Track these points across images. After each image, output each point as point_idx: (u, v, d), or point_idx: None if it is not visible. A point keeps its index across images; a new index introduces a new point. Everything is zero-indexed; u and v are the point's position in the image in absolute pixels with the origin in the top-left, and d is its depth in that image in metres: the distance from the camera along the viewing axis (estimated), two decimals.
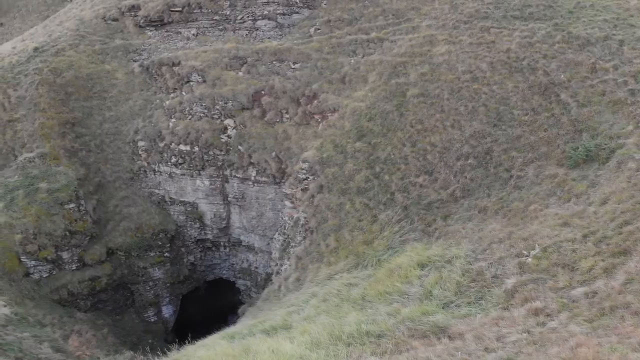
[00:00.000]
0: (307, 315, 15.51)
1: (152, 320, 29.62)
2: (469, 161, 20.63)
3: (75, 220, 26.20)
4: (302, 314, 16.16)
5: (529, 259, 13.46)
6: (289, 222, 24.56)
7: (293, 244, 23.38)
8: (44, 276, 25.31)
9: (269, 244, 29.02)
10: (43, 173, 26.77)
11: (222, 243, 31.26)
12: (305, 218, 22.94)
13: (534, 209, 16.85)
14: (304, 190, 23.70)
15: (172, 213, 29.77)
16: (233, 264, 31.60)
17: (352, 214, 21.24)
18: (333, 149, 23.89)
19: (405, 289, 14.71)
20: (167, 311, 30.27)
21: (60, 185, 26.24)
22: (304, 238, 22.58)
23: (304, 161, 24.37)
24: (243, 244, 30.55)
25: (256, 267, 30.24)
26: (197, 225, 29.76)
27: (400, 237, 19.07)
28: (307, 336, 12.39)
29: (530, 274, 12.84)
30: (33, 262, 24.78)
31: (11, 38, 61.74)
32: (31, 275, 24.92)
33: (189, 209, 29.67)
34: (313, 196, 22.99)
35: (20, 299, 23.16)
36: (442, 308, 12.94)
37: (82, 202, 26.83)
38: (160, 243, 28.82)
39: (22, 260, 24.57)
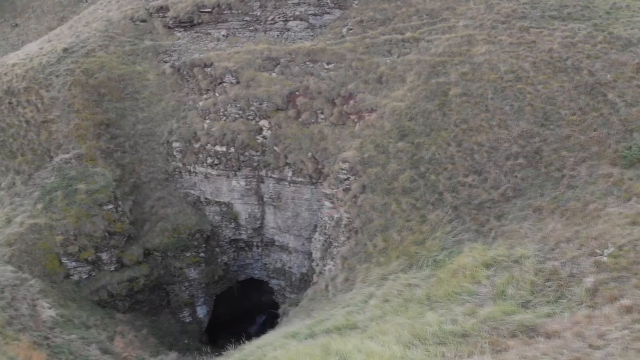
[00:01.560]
0: (372, 315, 15.48)
1: (187, 320, 29.61)
2: (518, 161, 20.61)
3: (114, 221, 26.20)
4: (366, 314, 16.13)
5: (604, 258, 13.43)
6: (329, 222, 24.53)
7: (336, 244, 23.36)
8: (84, 277, 25.30)
9: (304, 244, 29.03)
10: (80, 174, 26.78)
11: (254, 243, 31.25)
12: (348, 218, 22.91)
13: (594, 209, 16.82)
14: (346, 190, 23.67)
15: (207, 213, 29.77)
16: (266, 264, 31.57)
17: (399, 214, 21.21)
18: (374, 149, 23.87)
19: (475, 288, 14.67)
20: (202, 311, 30.26)
21: (99, 186, 26.24)
22: (348, 238, 22.56)
23: (343, 161, 24.35)
24: (276, 244, 30.53)
25: (290, 267, 30.22)
26: (232, 225, 29.76)
27: (453, 237, 19.04)
28: (389, 336, 12.35)
29: (609, 272, 12.81)
30: (73, 264, 24.78)
31: (27, 39, 62.07)
32: (71, 277, 24.92)
33: (224, 209, 29.67)
34: (356, 196, 22.96)
35: (63, 300, 23.15)
36: (521, 307, 12.90)
37: (120, 203, 26.83)
38: (196, 243, 28.82)
39: (63, 261, 24.58)
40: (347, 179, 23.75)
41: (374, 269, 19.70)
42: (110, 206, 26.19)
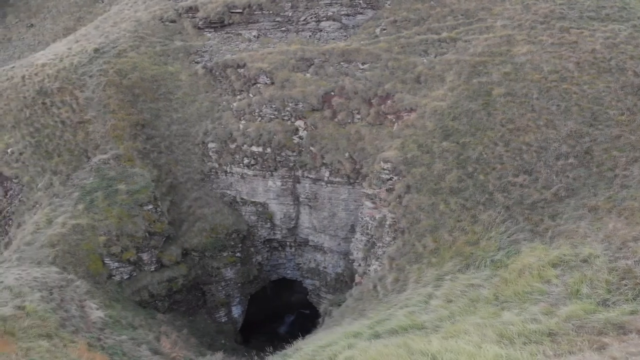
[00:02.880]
0: (440, 315, 15.47)
1: (223, 320, 29.64)
2: (569, 160, 20.61)
3: (154, 222, 26.22)
4: (430, 314, 16.12)
5: None
6: (371, 222, 24.53)
7: (380, 245, 23.36)
8: (125, 278, 25.30)
9: (340, 244, 29.06)
10: (120, 174, 26.80)
11: (288, 243, 31.28)
12: (393, 218, 22.92)
13: None
14: (389, 190, 23.67)
15: (243, 213, 29.80)
16: (299, 264, 31.59)
17: (448, 214, 21.20)
18: (417, 148, 23.87)
19: (546, 288, 14.66)
20: (237, 311, 30.28)
21: (139, 186, 26.26)
22: (394, 238, 22.57)
23: (385, 161, 24.34)
24: (310, 243, 30.55)
25: (325, 267, 30.23)
26: (268, 225, 29.79)
27: (508, 237, 19.03)
28: (472, 336, 12.36)
29: None
30: (116, 264, 24.79)
31: (43, 39, 62.16)
32: (113, 278, 24.93)
33: (259, 209, 29.69)
34: (400, 196, 22.96)
35: (108, 301, 23.13)
36: (599, 306, 12.90)
37: (159, 203, 26.85)
38: (232, 243, 28.84)
39: (106, 262, 24.59)
40: (390, 179, 23.75)
41: (427, 270, 19.69)
42: (150, 206, 26.22)
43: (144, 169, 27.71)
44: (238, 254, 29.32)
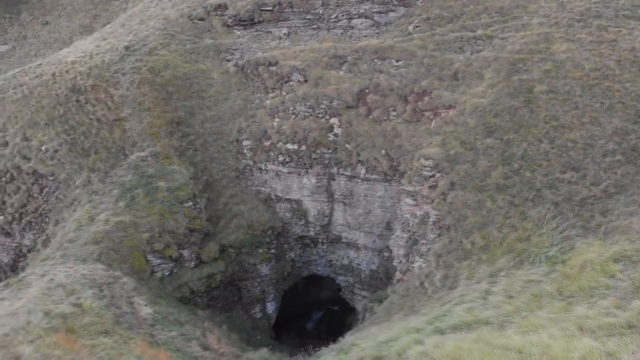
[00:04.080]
0: (505, 311, 15.59)
1: (258, 316, 29.80)
2: (616, 157, 20.71)
3: (193, 218, 26.33)
4: (491, 310, 16.23)
5: None
6: (412, 219, 24.64)
7: (424, 242, 23.48)
8: (166, 274, 25.42)
9: (375, 241, 29.18)
10: (159, 172, 26.89)
11: (320, 240, 31.41)
12: (437, 215, 23.03)
13: None
14: (432, 187, 23.78)
15: (278, 210, 29.90)
16: (331, 261, 31.72)
17: (496, 211, 21.32)
18: (460, 145, 23.97)
19: (611, 282, 14.80)
20: (271, 307, 30.45)
21: (179, 183, 26.36)
22: (439, 235, 22.68)
23: (426, 158, 24.45)
24: (343, 240, 30.68)
25: (358, 264, 30.36)
26: (302, 222, 29.91)
27: (559, 233, 19.14)
28: (551, 330, 12.48)
29: None
30: (158, 261, 24.90)
31: (59, 36, 62.22)
32: (155, 274, 25.03)
33: (294, 206, 29.82)
34: (444, 193, 23.07)
35: (153, 297, 23.25)
36: None
37: (198, 200, 26.95)
38: (268, 240, 28.99)
39: (149, 258, 24.68)
40: (432, 175, 23.85)
41: (479, 266, 19.82)
42: (190, 203, 26.33)
43: (181, 166, 27.81)
44: (273, 251, 29.46)
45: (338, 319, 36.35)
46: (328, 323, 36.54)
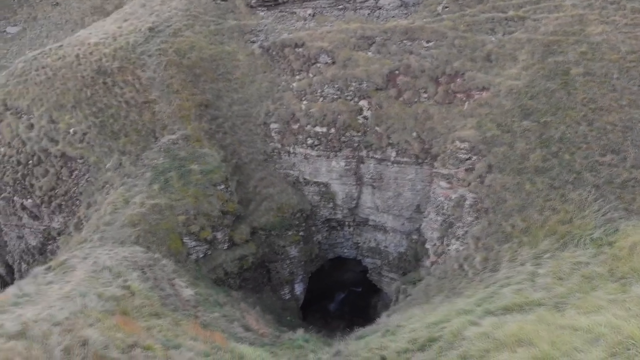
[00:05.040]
0: (558, 292, 15.72)
1: (287, 298, 30.11)
2: None
3: (226, 201, 26.43)
4: (541, 292, 16.38)
5: None
6: (446, 202, 24.71)
7: (460, 225, 23.57)
8: (200, 256, 25.60)
9: (404, 224, 29.30)
10: (190, 155, 26.89)
11: (347, 222, 31.53)
12: (474, 198, 23.09)
13: None
14: (468, 170, 23.80)
15: (306, 193, 29.97)
16: (357, 243, 31.90)
17: (536, 193, 21.36)
18: (496, 127, 23.90)
19: None
20: (299, 288, 30.74)
21: (212, 166, 26.39)
22: (477, 218, 22.77)
23: (461, 140, 24.41)
24: (370, 223, 30.81)
25: (386, 247, 30.55)
26: (330, 205, 30.00)
27: (602, 216, 19.21)
28: (616, 311, 12.61)
29: None
30: (193, 243, 25.06)
31: (71, 17, 61.43)
32: (190, 256, 25.20)
33: (322, 189, 29.88)
34: (482, 176, 23.09)
35: (192, 279, 23.46)
36: None
37: (230, 183, 26.99)
38: (297, 222, 29.13)
39: (185, 241, 24.82)
40: (469, 158, 23.84)
41: (521, 249, 19.94)
42: (222, 186, 26.40)
43: (212, 149, 27.78)
44: (301, 233, 29.63)
45: (361, 301, 36.76)
46: (351, 304, 36.95)
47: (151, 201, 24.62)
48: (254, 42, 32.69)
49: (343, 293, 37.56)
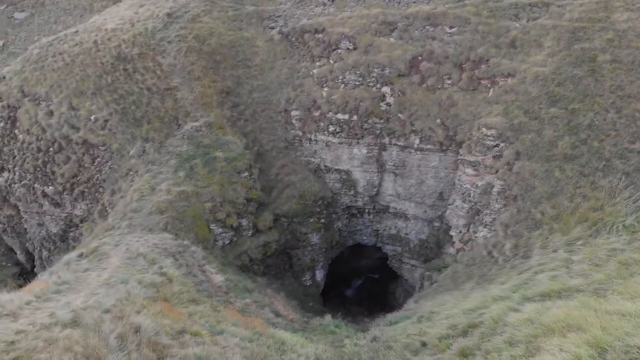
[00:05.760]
0: (596, 279, 15.86)
1: (308, 284, 30.33)
2: None
3: (250, 188, 26.48)
4: (578, 279, 16.51)
5: None
6: (472, 189, 24.79)
7: (487, 212, 23.69)
8: (226, 243, 25.73)
9: (426, 211, 29.42)
10: (214, 142, 26.88)
11: (367, 210, 31.65)
12: (502, 185, 23.17)
13: None
14: (496, 157, 23.84)
15: (327, 181, 30.02)
16: (377, 230, 32.06)
17: (565, 181, 21.44)
18: (524, 114, 23.90)
19: None
20: (319, 275, 30.97)
21: (236, 154, 26.40)
22: (505, 206, 22.88)
23: (488, 127, 24.41)
24: (390, 210, 30.93)
25: (407, 234, 30.70)
26: (351, 192, 30.06)
27: (633, 202, 19.30)
28: None
29: None
30: (220, 230, 25.17)
31: (79, 3, 60.69)
32: (216, 243, 25.33)
33: (343, 176, 29.92)
34: (509, 163, 23.15)
35: (220, 266, 23.60)
36: None
37: (253, 170, 27.03)
38: (318, 210, 29.22)
39: (211, 228, 24.92)
40: (496, 145, 23.87)
41: (552, 236, 20.05)
42: (246, 174, 26.44)
43: (234, 136, 27.76)
44: (322, 220, 29.75)
45: (379, 287, 37.05)
46: (368, 291, 37.24)
47: (177, 188, 24.67)
48: (272, 28, 32.46)
49: (360, 279, 37.83)
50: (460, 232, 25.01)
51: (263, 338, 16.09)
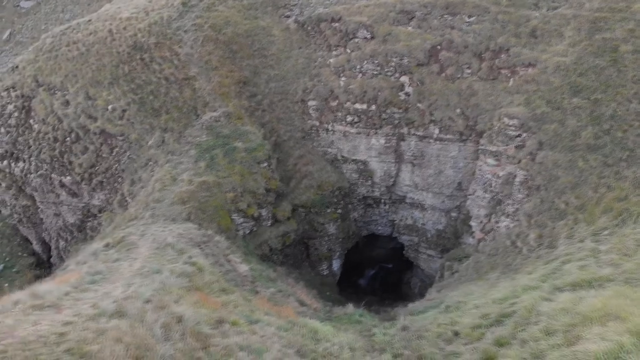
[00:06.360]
0: (627, 269, 15.99)
1: (325, 273, 30.50)
2: None
3: (269, 179, 26.51)
4: (609, 268, 16.63)
5: None
6: (494, 179, 24.85)
7: (509, 202, 23.78)
8: (247, 233, 25.82)
9: (444, 201, 29.51)
10: (233, 132, 26.85)
11: (382, 200, 31.72)
12: (525, 175, 23.23)
13: None
14: (518, 147, 23.87)
15: (344, 171, 30.05)
16: (393, 220, 32.17)
17: (589, 171, 21.50)
18: (546, 104, 23.89)
19: None
20: (336, 265, 31.14)
21: (255, 144, 26.41)
22: (527, 196, 22.96)
23: (510, 117, 24.41)
24: (407, 201, 31.01)
25: (423, 224, 30.80)
26: (369, 183, 30.12)
27: None
28: None
29: None
30: (241, 220, 25.26)
31: None
32: (237, 233, 25.42)
33: (360, 167, 29.95)
34: (532, 153, 23.19)
35: (244, 256, 23.71)
36: None
37: (272, 160, 27.04)
38: (335, 200, 29.31)
39: (233, 218, 24.99)
40: (518, 135, 23.89)
41: (577, 226, 20.15)
42: (265, 164, 26.47)
43: (252, 127, 27.73)
44: (339, 211, 29.84)
45: (392, 277, 37.27)
46: (381, 280, 37.46)
47: (199, 179, 24.70)
48: (288, 16, 32.27)
49: (373, 269, 38.03)
50: (481, 222, 25.12)
51: (297, 327, 16.21)
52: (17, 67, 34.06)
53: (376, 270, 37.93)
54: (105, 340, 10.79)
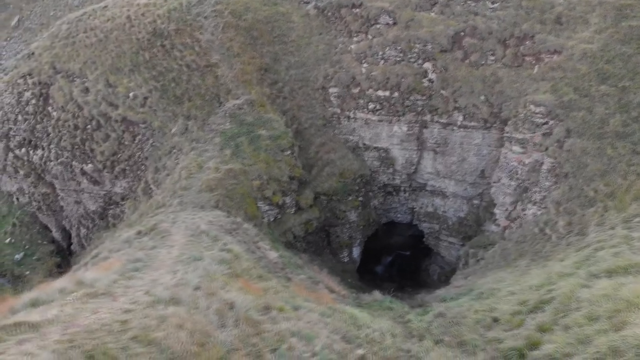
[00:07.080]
0: None
1: (345, 260, 30.68)
2: None
3: (293, 167, 26.54)
4: None
5: None
6: (520, 167, 24.91)
7: (537, 189, 23.85)
8: (271, 220, 25.92)
9: (466, 189, 29.57)
10: (257, 120, 26.83)
11: (402, 188, 31.79)
12: (552, 163, 23.28)
13: None
14: (545, 134, 23.89)
15: (365, 159, 30.06)
16: (413, 208, 32.27)
17: (618, 158, 21.55)
18: (574, 92, 23.86)
19: None
20: (356, 252, 31.32)
21: (279, 132, 26.41)
22: (555, 183, 23.04)
23: (537, 105, 24.39)
24: (427, 188, 31.07)
25: (444, 211, 30.92)
26: (390, 170, 30.15)
27: None
28: None
29: None
30: (266, 207, 25.35)
31: None
32: (262, 220, 25.51)
33: (382, 154, 29.96)
34: (560, 141, 23.22)
35: (271, 243, 23.83)
36: None
37: (295, 148, 27.05)
38: (357, 188, 29.39)
39: (259, 205, 25.08)
40: (545, 122, 23.89)
41: (607, 213, 20.26)
42: (289, 152, 26.48)
43: (274, 114, 27.69)
44: (360, 198, 29.94)
45: (410, 264, 37.49)
46: (399, 267, 37.69)
47: (225, 166, 24.72)
48: (307, 2, 32.02)
49: (390, 256, 38.22)
50: (507, 209, 25.23)
51: (337, 313, 16.37)
52: (32, 53, 33.84)
53: (393, 258, 38.14)
54: (168, 327, 10.89)
